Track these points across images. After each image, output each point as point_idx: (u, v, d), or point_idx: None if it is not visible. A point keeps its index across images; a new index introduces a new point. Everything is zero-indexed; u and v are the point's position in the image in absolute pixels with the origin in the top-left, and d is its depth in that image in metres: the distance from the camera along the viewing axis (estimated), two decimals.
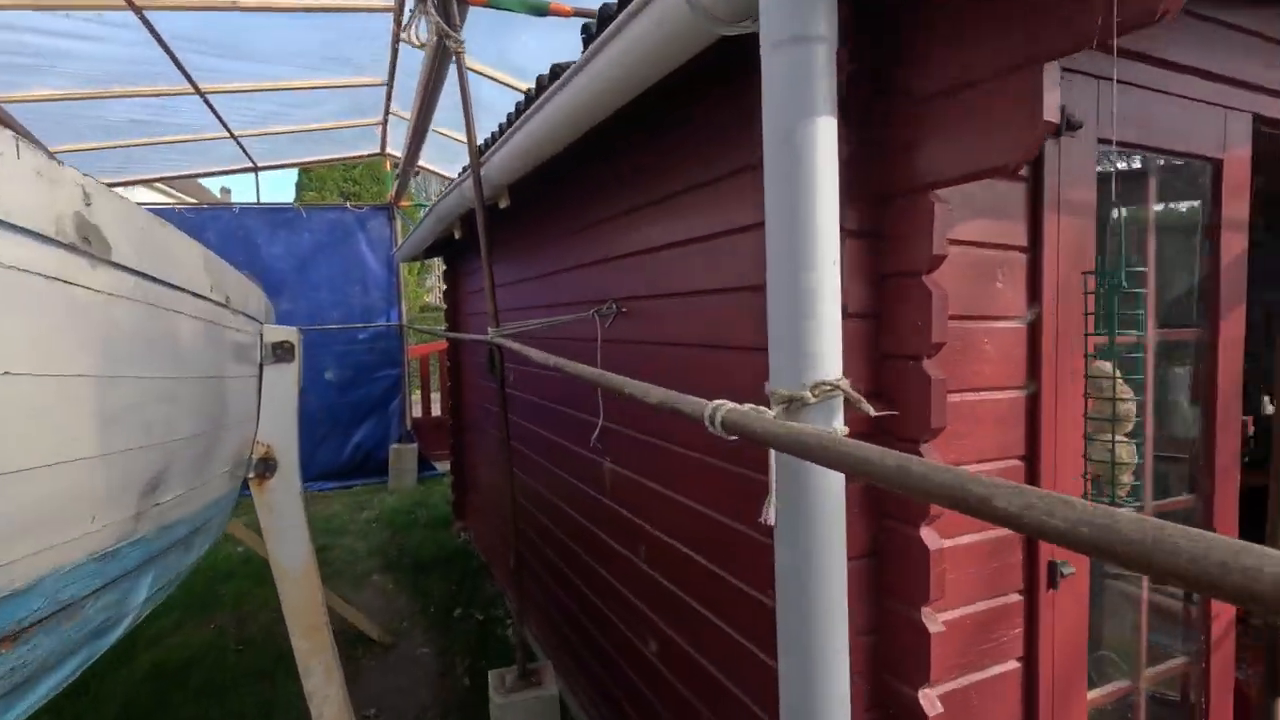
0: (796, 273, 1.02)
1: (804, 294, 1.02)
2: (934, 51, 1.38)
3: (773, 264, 1.08)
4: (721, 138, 1.93)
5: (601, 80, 1.72)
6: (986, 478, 0.58)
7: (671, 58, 1.45)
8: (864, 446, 0.73)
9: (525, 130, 2.30)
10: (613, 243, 2.88)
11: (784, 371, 1.06)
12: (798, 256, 1.01)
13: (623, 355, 2.85)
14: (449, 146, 6.81)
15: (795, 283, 1.02)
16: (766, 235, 1.07)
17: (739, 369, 1.95)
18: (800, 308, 1.03)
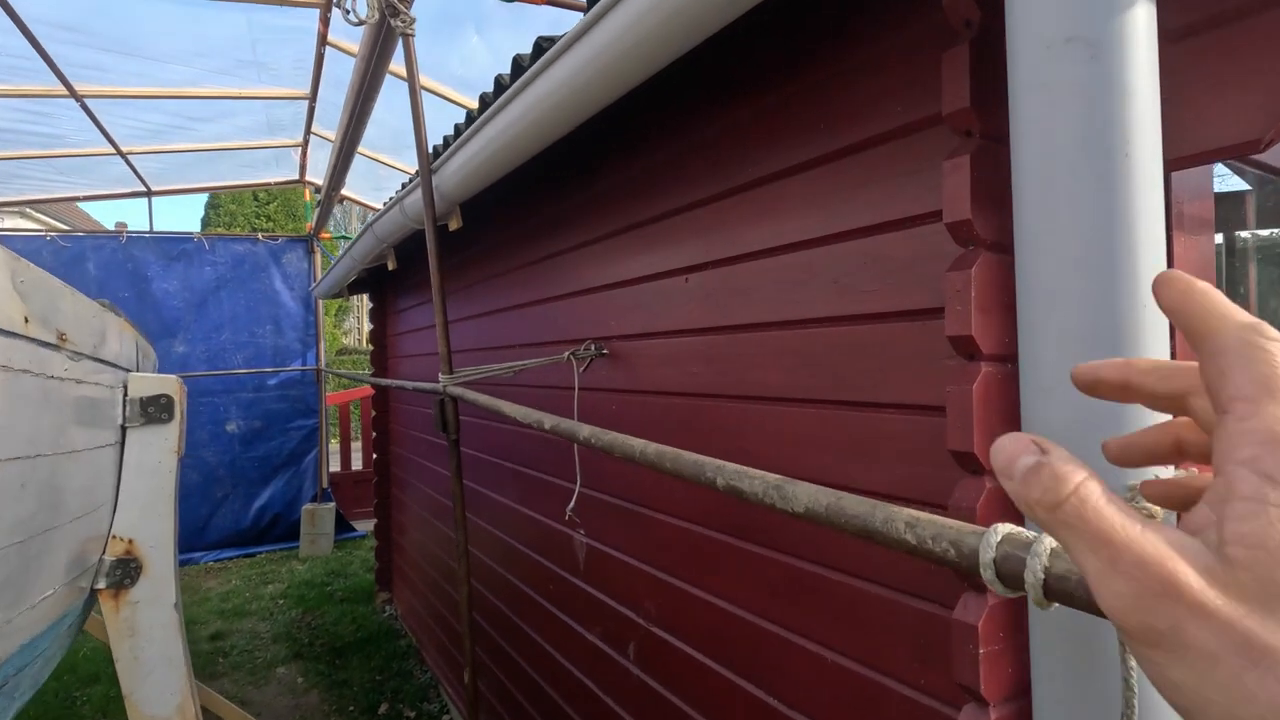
0: (1109, 283, 0.56)
1: (1121, 320, 0.57)
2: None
3: (1030, 275, 0.63)
4: (866, 84, 1.48)
5: (635, 25, 1.25)
6: None
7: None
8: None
9: (495, 127, 1.81)
10: (597, 270, 2.40)
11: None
12: (1107, 255, 0.56)
13: (609, 408, 2.35)
14: (377, 173, 6.20)
15: (1105, 303, 0.57)
16: (1019, 224, 0.62)
17: (868, 435, 1.47)
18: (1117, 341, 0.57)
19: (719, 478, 0.78)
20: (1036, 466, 0.27)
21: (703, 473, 0.81)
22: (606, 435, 1.04)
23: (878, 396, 1.39)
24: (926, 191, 1.28)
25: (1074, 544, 0.26)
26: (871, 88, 1.38)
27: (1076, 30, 0.53)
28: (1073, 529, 0.26)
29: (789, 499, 0.68)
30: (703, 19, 1.10)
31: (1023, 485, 0.27)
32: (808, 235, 1.55)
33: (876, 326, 1.40)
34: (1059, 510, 0.26)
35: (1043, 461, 0.27)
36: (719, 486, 0.78)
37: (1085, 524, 0.25)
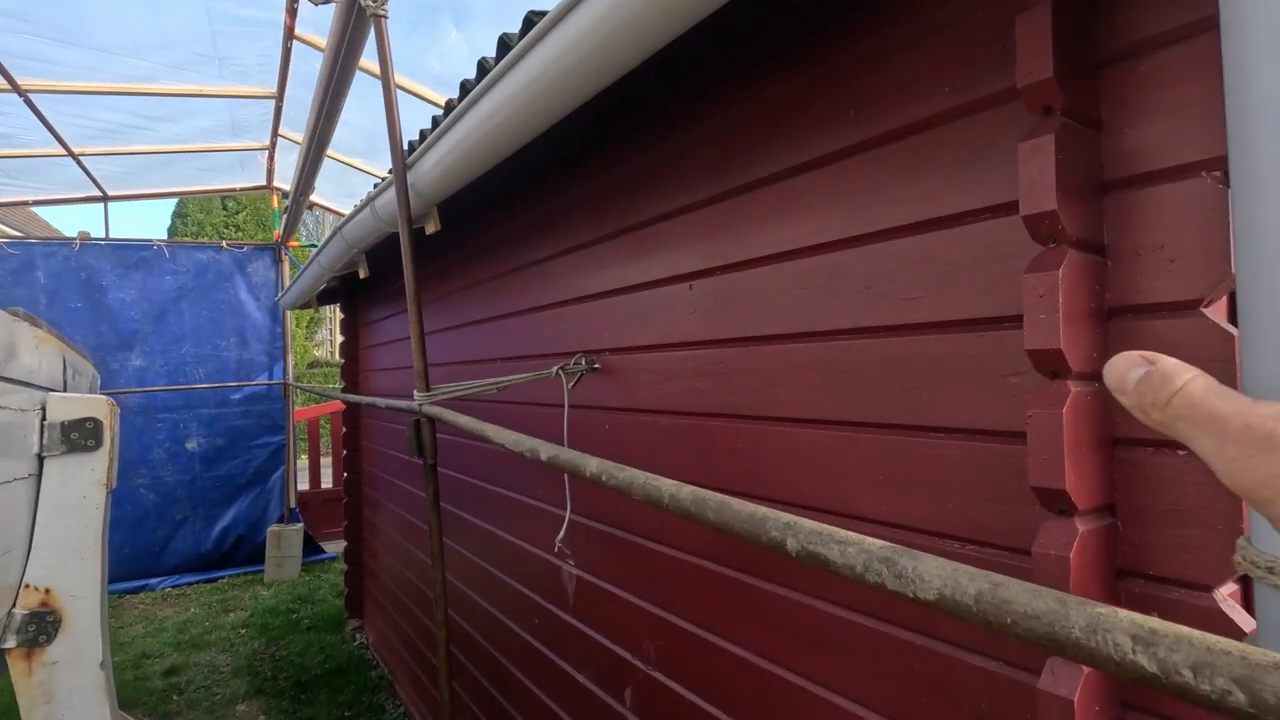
0: None
1: None
2: None
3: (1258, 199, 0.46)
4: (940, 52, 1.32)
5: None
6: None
7: None
8: None
9: (477, 114, 1.61)
10: (588, 276, 2.20)
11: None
12: None
13: (601, 428, 2.14)
14: (348, 178, 5.94)
15: None
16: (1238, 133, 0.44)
17: (910, 463, 1.29)
18: None
19: (790, 539, 0.58)
20: (1146, 374, 0.30)
21: (764, 531, 0.61)
22: (623, 473, 0.84)
23: (922, 419, 1.21)
24: (982, 183, 1.11)
25: (1189, 432, 0.28)
26: (912, 67, 1.21)
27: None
28: (1185, 419, 0.28)
29: (909, 579, 0.48)
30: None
31: (1136, 394, 0.30)
32: (834, 236, 1.37)
33: (920, 338, 1.22)
34: (1170, 406, 0.29)
35: (1151, 369, 0.30)
36: (790, 551, 0.58)
37: (1195, 410, 0.28)
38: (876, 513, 1.29)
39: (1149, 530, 0.93)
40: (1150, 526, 0.93)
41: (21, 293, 5.76)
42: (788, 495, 1.49)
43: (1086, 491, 0.92)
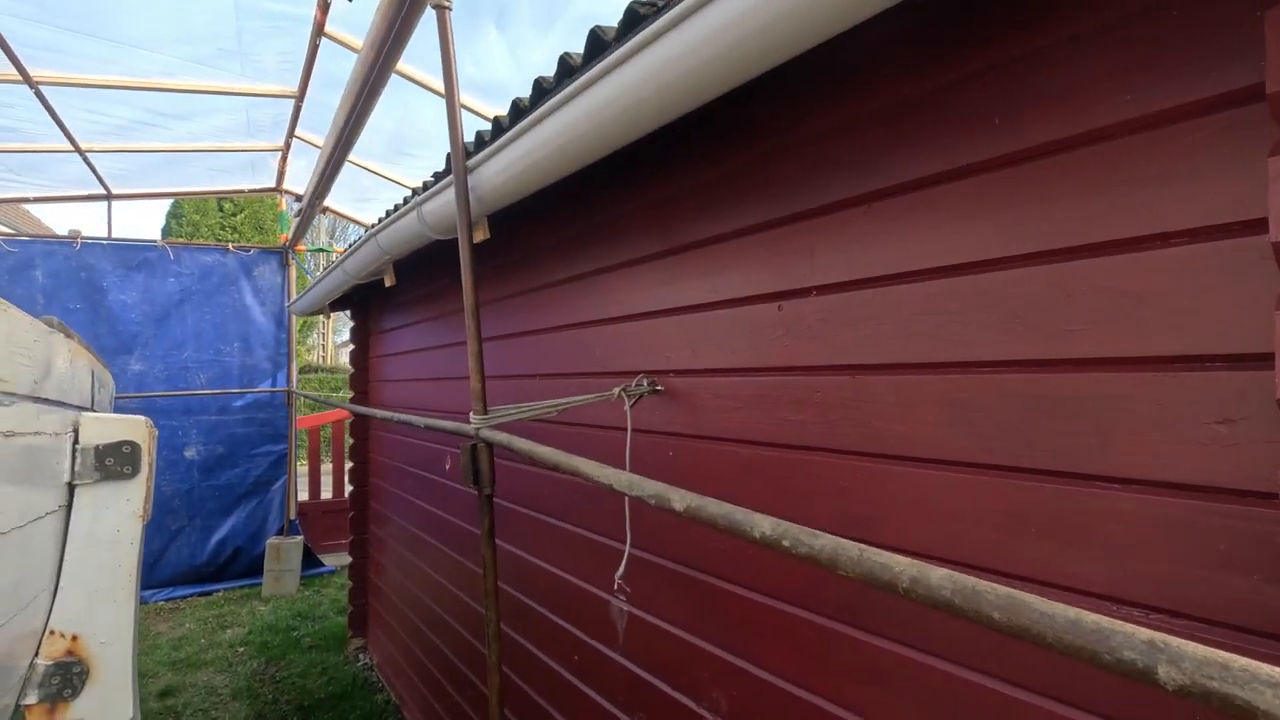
0: None
1: None
2: None
3: None
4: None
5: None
6: None
7: None
8: None
9: (560, 120, 1.47)
10: (654, 291, 2.06)
11: None
12: None
13: (664, 454, 1.99)
14: (359, 182, 5.79)
15: None
16: None
17: (1075, 516, 1.15)
18: None
19: (1164, 667, 0.44)
20: None
21: (1110, 650, 0.46)
22: (817, 539, 0.69)
23: (1090, 466, 1.07)
24: (1176, 203, 0.98)
25: None
26: (1078, 70, 1.08)
27: None
28: None
29: None
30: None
31: None
32: (973, 257, 1.23)
33: (1087, 375, 1.08)
34: None
35: None
36: (1165, 685, 0.44)
37: None
38: (1029, 570, 1.14)
39: None
40: None
41: (19, 292, 5.56)
42: (906, 542, 1.34)
43: None
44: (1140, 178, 1.02)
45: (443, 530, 3.67)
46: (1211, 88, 0.93)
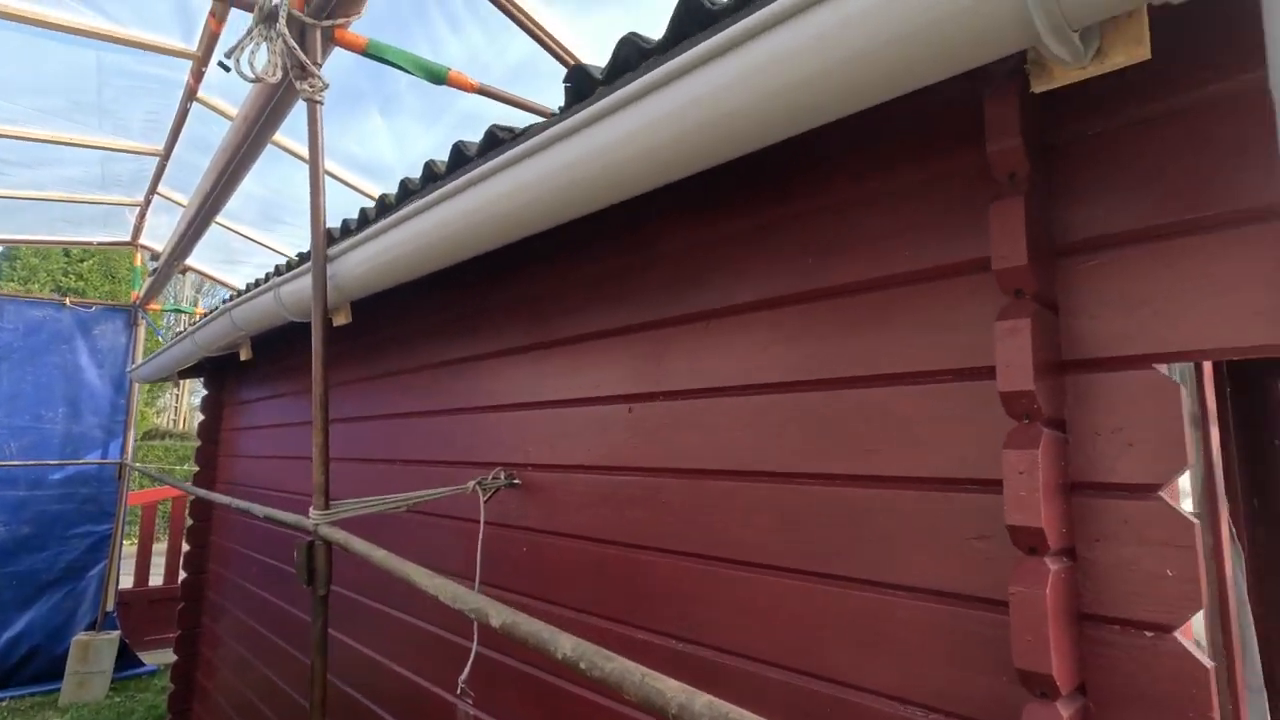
0: None
1: None
2: None
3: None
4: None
5: (642, 137, 1.02)
6: None
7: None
8: None
9: (425, 221, 1.52)
10: (515, 384, 2.09)
11: None
12: None
13: (518, 550, 1.97)
14: (230, 244, 5.52)
15: None
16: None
17: (869, 620, 1.24)
18: None
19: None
20: None
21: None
22: (610, 662, 0.73)
23: (886, 575, 1.19)
24: (945, 345, 1.15)
25: None
26: (874, 225, 1.27)
27: None
28: None
29: None
30: (732, 137, 0.92)
31: None
32: (792, 376, 1.37)
33: (882, 491, 1.21)
34: None
35: None
36: None
37: None
38: (835, 672, 1.23)
39: (1115, 710, 0.93)
40: (1116, 707, 0.93)
41: None
42: (734, 646, 1.40)
43: (1067, 674, 0.92)
44: (921, 321, 1.19)
45: (287, 626, 3.37)
46: (966, 253, 1.12)
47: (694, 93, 0.90)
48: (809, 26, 0.76)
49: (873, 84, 0.72)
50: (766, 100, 0.81)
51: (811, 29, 0.75)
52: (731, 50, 0.85)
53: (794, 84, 0.79)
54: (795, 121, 0.83)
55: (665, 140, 0.98)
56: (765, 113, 0.82)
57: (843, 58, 0.73)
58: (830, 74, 0.76)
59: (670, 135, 0.97)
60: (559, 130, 1.17)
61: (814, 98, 0.78)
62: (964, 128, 1.12)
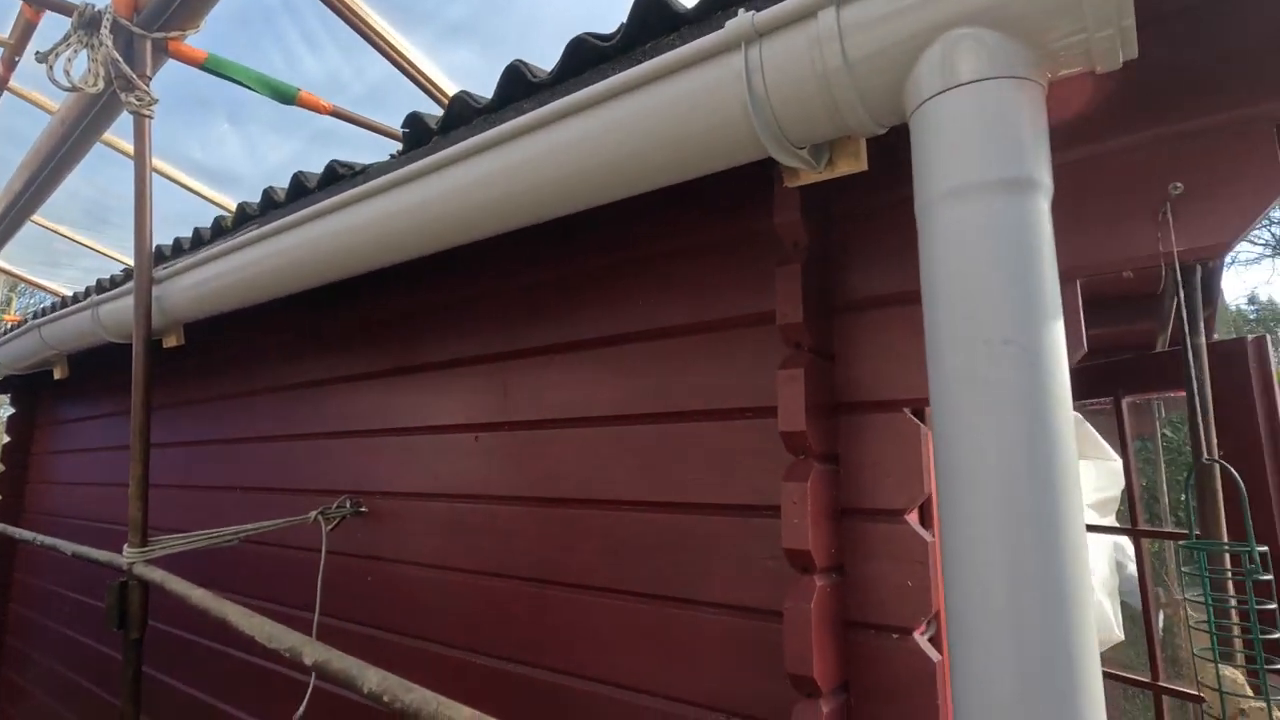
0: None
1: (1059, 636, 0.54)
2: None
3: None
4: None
5: (485, 186, 1.08)
6: None
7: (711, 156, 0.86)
8: None
9: (261, 250, 1.49)
10: (361, 411, 2.06)
11: None
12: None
13: (363, 580, 1.94)
14: (50, 245, 4.95)
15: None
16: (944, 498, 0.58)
17: (687, 636, 1.33)
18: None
19: None
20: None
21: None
22: (410, 693, 0.78)
23: (695, 593, 1.31)
24: (751, 386, 1.29)
25: None
26: (699, 275, 1.39)
27: (1012, 334, 0.54)
28: None
29: None
30: (573, 196, 1.01)
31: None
32: (620, 410, 1.48)
33: (695, 518, 1.34)
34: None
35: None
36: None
37: None
38: (653, 685, 1.33)
39: (872, 706, 1.09)
40: (873, 703, 1.09)
41: None
42: (567, 665, 1.48)
43: (829, 675, 1.07)
44: (727, 364, 1.33)
45: (106, 672, 3.06)
46: (762, 307, 1.27)
47: (510, 159, 0.98)
48: (610, 113, 0.86)
49: (653, 170, 0.84)
50: (571, 175, 0.91)
51: (610, 118, 0.85)
52: (545, 126, 0.94)
53: (596, 165, 0.89)
54: (597, 194, 0.93)
55: (490, 198, 1.05)
56: (569, 186, 0.92)
57: (631, 150, 0.84)
58: (628, 157, 0.87)
59: (493, 194, 1.04)
60: (397, 176, 1.21)
61: (611, 176, 0.89)
62: (766, 199, 1.28)
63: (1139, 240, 0.97)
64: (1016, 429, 0.54)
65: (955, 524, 0.58)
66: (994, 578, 0.54)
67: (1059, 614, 0.52)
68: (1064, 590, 0.53)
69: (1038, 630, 0.53)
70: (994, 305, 0.55)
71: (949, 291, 0.58)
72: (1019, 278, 0.55)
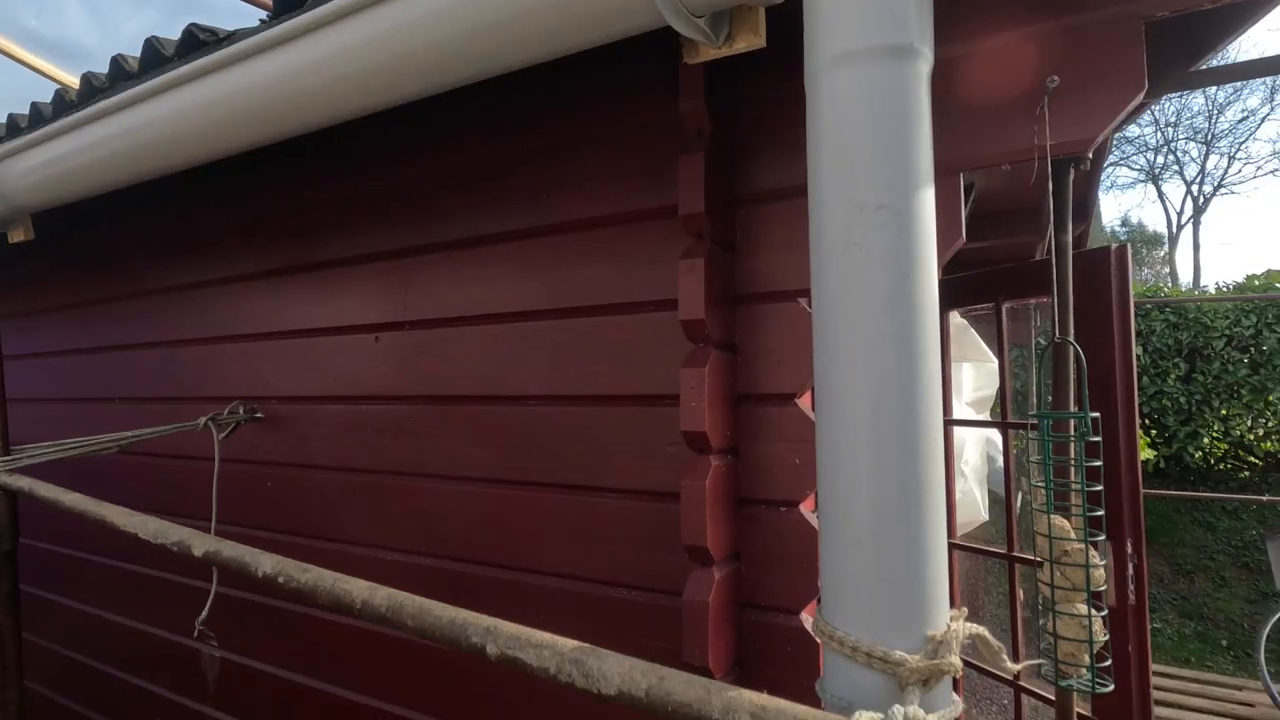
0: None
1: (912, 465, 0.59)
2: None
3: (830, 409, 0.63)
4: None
5: (361, 52, 0.99)
6: None
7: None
8: None
9: (113, 125, 1.32)
10: (254, 313, 1.95)
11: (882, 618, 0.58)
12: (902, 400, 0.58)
13: (262, 486, 1.88)
14: None
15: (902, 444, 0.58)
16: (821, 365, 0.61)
17: (590, 521, 1.36)
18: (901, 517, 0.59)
19: (490, 644, 0.62)
20: None
21: (465, 636, 0.64)
22: (306, 574, 0.78)
23: (601, 480, 1.35)
24: (654, 280, 1.30)
25: None
26: (602, 167, 1.36)
27: (885, 199, 0.56)
28: None
29: (595, 677, 0.56)
30: (442, 66, 0.94)
31: None
32: (526, 306, 1.46)
33: (601, 409, 1.37)
34: None
35: None
36: (490, 656, 0.63)
37: None
38: (558, 566, 1.39)
39: (762, 570, 1.19)
40: (763, 568, 1.19)
41: None
42: (474, 554, 1.51)
43: (721, 545, 1.15)
44: (631, 257, 1.33)
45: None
46: (663, 200, 1.27)
47: (394, 19, 0.90)
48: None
49: (548, 33, 0.79)
50: (459, 37, 0.85)
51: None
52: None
53: (487, 23, 0.83)
54: (489, 58, 0.88)
55: (374, 62, 0.97)
56: (456, 48, 0.86)
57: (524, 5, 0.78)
58: (523, 14, 0.82)
59: (378, 58, 0.96)
60: (269, 37, 1.09)
61: (502, 35, 0.83)
62: (670, 87, 1.24)
63: (1017, 134, 1.02)
64: (884, 290, 0.57)
65: (826, 377, 0.61)
66: (857, 422, 0.59)
67: (914, 454, 0.58)
68: (919, 434, 0.58)
69: (894, 471, 0.58)
70: (870, 170, 0.57)
71: (830, 159, 0.60)
72: (896, 143, 0.57)
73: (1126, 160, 18.44)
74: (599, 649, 0.59)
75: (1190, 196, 18.46)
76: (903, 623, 0.57)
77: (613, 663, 0.57)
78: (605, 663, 0.57)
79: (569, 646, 0.60)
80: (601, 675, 0.57)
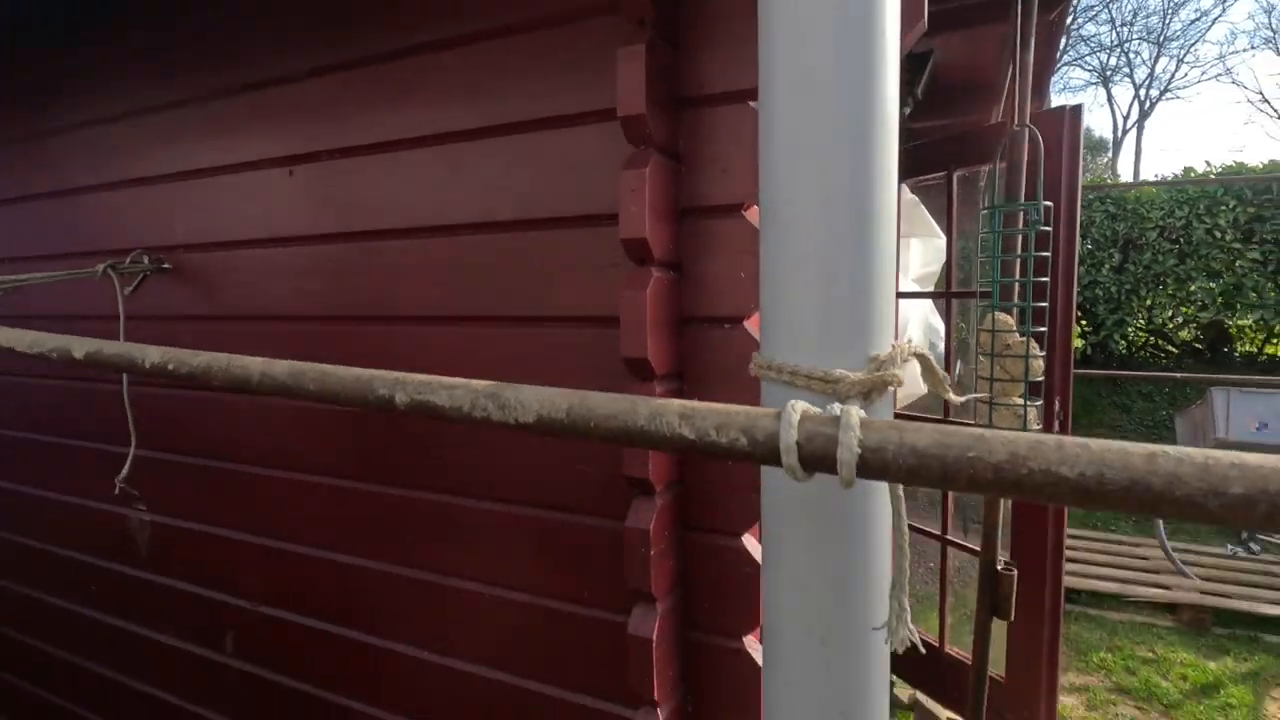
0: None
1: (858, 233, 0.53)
2: None
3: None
4: None
5: None
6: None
7: None
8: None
9: None
10: (152, 153, 1.75)
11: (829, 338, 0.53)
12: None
13: (180, 342, 1.75)
14: None
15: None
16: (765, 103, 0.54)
17: (537, 351, 1.30)
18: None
19: (399, 393, 0.57)
20: None
21: (372, 391, 0.58)
22: (198, 358, 0.70)
23: (542, 309, 1.28)
24: (587, 87, 1.19)
25: None
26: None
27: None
28: None
29: (512, 408, 0.51)
30: None
31: None
32: (456, 126, 1.33)
33: (538, 234, 1.28)
34: None
35: None
36: (400, 405, 0.57)
37: None
38: None
39: (703, 388, 1.16)
40: (704, 385, 1.16)
41: None
42: None
43: (663, 360, 1.11)
44: (566, 63, 1.20)
45: None
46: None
47: None
48: None
49: None
50: None
51: None
52: None
53: None
54: None
55: None
56: None
57: None
58: None
59: None
60: None
61: None
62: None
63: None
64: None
65: (770, 141, 0.54)
66: (803, 197, 0.52)
67: (867, 243, 0.52)
68: (870, 142, 0.51)
69: (847, 266, 0.52)
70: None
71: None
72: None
73: (1080, 60, 18.37)
74: (514, 384, 0.54)
75: (1138, 100, 18.65)
76: (846, 348, 0.52)
77: (529, 392, 0.52)
78: (521, 393, 0.52)
79: (481, 384, 0.54)
80: (519, 404, 0.52)
